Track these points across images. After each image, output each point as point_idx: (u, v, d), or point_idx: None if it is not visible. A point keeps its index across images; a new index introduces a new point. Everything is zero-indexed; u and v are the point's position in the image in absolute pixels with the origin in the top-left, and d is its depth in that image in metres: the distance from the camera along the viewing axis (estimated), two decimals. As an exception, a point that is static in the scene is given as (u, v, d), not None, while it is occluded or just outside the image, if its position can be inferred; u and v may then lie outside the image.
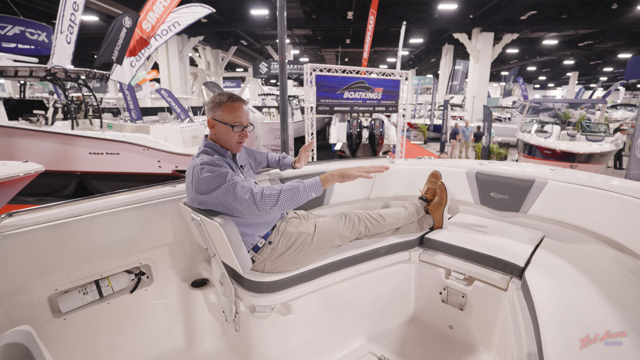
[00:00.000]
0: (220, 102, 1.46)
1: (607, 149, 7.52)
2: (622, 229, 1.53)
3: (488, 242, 1.76)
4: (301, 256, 1.53)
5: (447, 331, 1.79)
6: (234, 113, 1.46)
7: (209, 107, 1.48)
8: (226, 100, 1.46)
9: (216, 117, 1.47)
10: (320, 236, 1.58)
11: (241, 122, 1.47)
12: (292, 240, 1.52)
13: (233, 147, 1.52)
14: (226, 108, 1.45)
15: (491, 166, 2.21)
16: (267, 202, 1.29)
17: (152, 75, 18.41)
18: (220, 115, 1.46)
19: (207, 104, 1.51)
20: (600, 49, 20.02)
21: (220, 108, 1.46)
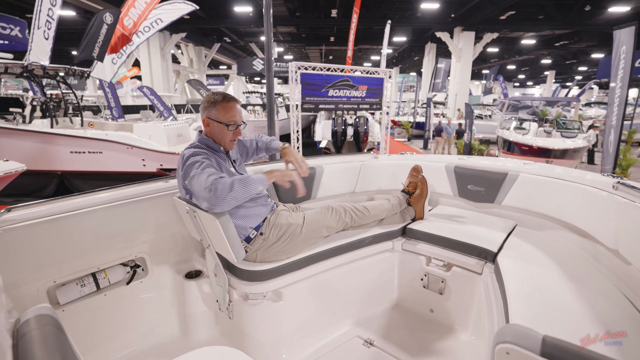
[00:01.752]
0: (215, 102, 1.51)
1: (579, 145, 7.89)
2: (584, 216, 1.68)
3: (465, 231, 1.89)
4: (291, 246, 1.60)
5: (428, 314, 1.90)
6: (229, 112, 1.52)
7: (204, 107, 1.53)
8: (221, 99, 1.51)
9: (211, 116, 1.52)
10: (308, 227, 1.66)
11: (235, 121, 1.53)
12: (282, 231, 1.59)
13: (227, 145, 1.59)
14: (221, 107, 1.51)
15: (469, 161, 2.34)
16: (223, 189, 1.29)
17: (134, 72, 18.00)
18: (215, 114, 1.51)
19: (201, 104, 1.56)
20: (575, 48, 20.78)
21: (215, 107, 1.51)
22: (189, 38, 17.51)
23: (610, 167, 6.62)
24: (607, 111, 6.92)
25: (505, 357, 0.60)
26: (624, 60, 6.47)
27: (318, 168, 2.29)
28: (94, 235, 1.46)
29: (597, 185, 1.62)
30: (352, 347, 1.69)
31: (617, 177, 1.62)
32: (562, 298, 1.24)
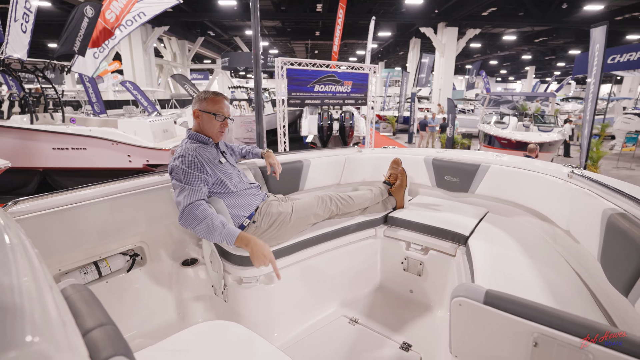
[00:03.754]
0: (206, 96, 1.69)
1: (555, 138, 8.24)
2: (544, 202, 1.86)
3: (441, 218, 2.05)
4: (281, 233, 1.73)
5: (408, 295, 2.06)
6: (217, 104, 1.68)
7: (195, 101, 1.70)
8: (211, 94, 1.70)
9: (201, 107, 1.68)
10: (297, 215, 1.78)
11: (222, 113, 1.69)
12: (273, 219, 1.71)
13: (215, 136, 1.72)
14: (210, 100, 1.68)
15: (446, 153, 2.50)
16: (189, 220, 1.40)
17: (115, 66, 17.57)
18: (204, 106, 1.67)
19: (193, 100, 1.72)
20: (553, 45, 21.40)
21: (205, 100, 1.68)
22: (171, 31, 17.18)
23: (583, 159, 6.98)
24: (584, 106, 7.26)
25: (458, 308, 0.74)
26: (597, 58, 6.80)
27: (305, 161, 2.40)
28: (96, 226, 1.54)
29: (555, 174, 1.80)
30: (339, 325, 1.83)
31: (571, 166, 1.80)
32: (520, 272, 1.41)
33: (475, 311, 0.72)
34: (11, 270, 0.43)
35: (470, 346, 0.78)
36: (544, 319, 0.64)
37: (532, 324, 0.64)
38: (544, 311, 0.65)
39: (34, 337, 0.31)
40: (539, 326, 0.64)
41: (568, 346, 0.61)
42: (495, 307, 0.69)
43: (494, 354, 0.73)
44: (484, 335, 0.73)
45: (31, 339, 0.31)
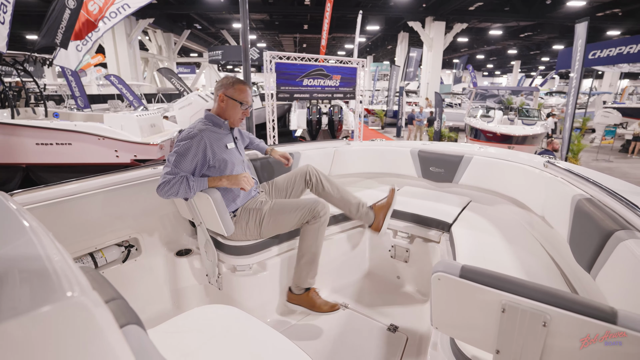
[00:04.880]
0: (234, 82, 1.75)
1: (537, 131, 8.47)
2: (522, 190, 1.96)
3: (427, 207, 2.13)
4: (260, 231, 1.73)
5: (395, 281, 2.15)
6: (243, 93, 1.75)
7: (221, 84, 1.76)
8: (238, 82, 1.76)
9: (227, 93, 1.74)
10: (271, 220, 1.73)
11: (247, 102, 1.77)
12: (251, 216, 1.73)
13: (235, 121, 1.78)
14: (237, 88, 1.74)
15: (431, 146, 2.59)
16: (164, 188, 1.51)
17: (98, 59, 17.15)
18: (231, 92, 1.73)
19: (217, 83, 1.79)
20: (538, 40, 21.80)
21: (232, 87, 1.74)
22: (157, 24, 16.83)
23: (565, 151, 7.22)
24: (566, 100, 7.48)
25: (437, 283, 0.81)
26: (579, 53, 6.99)
27: (295, 154, 2.46)
28: (91, 218, 1.56)
29: (532, 164, 1.90)
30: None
31: (548, 157, 1.90)
32: (498, 255, 1.50)
33: (453, 284, 0.79)
34: (36, 244, 0.48)
35: (449, 317, 0.85)
36: (510, 288, 0.72)
37: (501, 292, 0.72)
38: (510, 281, 0.73)
39: (73, 293, 0.36)
40: (506, 294, 0.71)
41: (530, 310, 0.69)
42: (469, 280, 0.76)
43: (469, 321, 0.81)
44: (460, 306, 0.81)
45: (71, 294, 0.36)
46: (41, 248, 0.48)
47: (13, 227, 0.59)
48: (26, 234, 0.53)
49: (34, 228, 0.56)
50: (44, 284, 0.38)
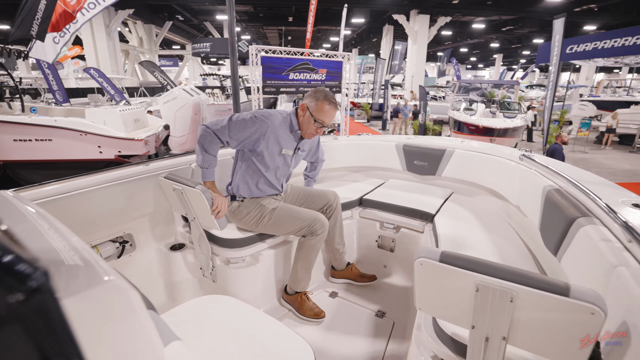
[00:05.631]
0: (319, 98, 1.72)
1: (518, 124, 8.74)
2: (500, 182, 2.08)
3: (411, 199, 2.23)
4: (255, 227, 1.79)
5: (382, 269, 2.26)
6: (322, 113, 1.72)
7: (310, 94, 1.77)
8: (323, 99, 1.72)
9: (310, 107, 1.73)
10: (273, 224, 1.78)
11: (323, 122, 1.74)
12: (252, 211, 1.77)
13: (306, 134, 1.80)
14: (319, 106, 1.71)
15: (415, 140, 2.69)
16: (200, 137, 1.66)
17: (75, 51, 16.55)
18: (313, 107, 1.72)
19: (310, 92, 1.77)
20: (519, 33, 22.25)
21: (316, 102, 1.72)
22: (137, 15, 16.35)
23: (544, 143, 7.50)
24: (545, 93, 7.73)
25: (420, 267, 0.90)
26: (557, 48, 7.23)
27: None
28: (85, 215, 1.58)
29: (509, 158, 2.02)
30: (320, 299, 1.99)
31: (525, 150, 2.02)
32: (477, 242, 1.61)
33: (433, 268, 0.88)
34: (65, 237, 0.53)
35: (430, 298, 0.94)
36: (482, 269, 0.81)
37: (475, 274, 0.81)
38: (482, 264, 0.82)
39: (110, 277, 0.42)
40: (479, 275, 0.80)
41: (499, 288, 0.78)
42: (448, 264, 0.85)
43: (448, 301, 0.90)
44: (440, 288, 0.90)
45: (108, 278, 0.42)
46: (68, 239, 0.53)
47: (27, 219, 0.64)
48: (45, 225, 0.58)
49: (52, 222, 0.61)
50: (80, 271, 0.43)
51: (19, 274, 0.22)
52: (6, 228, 0.40)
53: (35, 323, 0.22)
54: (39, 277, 0.22)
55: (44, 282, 0.22)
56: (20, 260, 0.22)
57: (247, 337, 1.02)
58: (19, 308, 0.21)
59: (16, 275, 0.21)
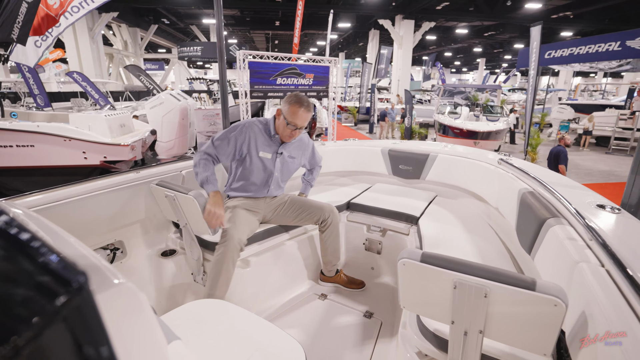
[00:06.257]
0: (291, 102, 1.82)
1: (501, 127, 9.01)
2: (480, 185, 2.18)
3: (397, 202, 2.31)
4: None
5: (369, 271, 2.32)
6: (294, 116, 1.81)
7: (284, 99, 1.86)
8: (294, 102, 1.81)
9: (283, 109, 1.84)
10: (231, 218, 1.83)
11: (295, 124, 1.83)
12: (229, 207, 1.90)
13: (283, 137, 1.92)
14: (291, 109, 1.81)
15: (400, 145, 2.78)
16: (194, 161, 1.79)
17: (57, 54, 16.19)
18: (285, 110, 1.83)
19: (285, 98, 1.86)
20: (501, 39, 22.89)
21: (289, 105, 1.82)
22: (121, 18, 16.13)
23: (526, 146, 7.75)
24: (526, 97, 8.00)
25: (403, 267, 0.96)
26: (535, 53, 7.51)
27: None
28: (76, 223, 1.59)
29: (488, 162, 2.12)
30: (310, 301, 2.04)
31: (503, 154, 2.13)
32: (459, 243, 1.69)
33: (415, 268, 0.94)
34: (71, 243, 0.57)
35: (413, 296, 1.01)
36: (459, 268, 0.88)
37: (452, 272, 0.88)
38: (459, 263, 0.89)
39: (120, 280, 0.46)
40: (456, 274, 0.87)
41: (474, 285, 0.85)
42: (428, 264, 0.92)
43: (429, 299, 0.97)
44: (422, 286, 0.97)
45: (118, 281, 0.46)
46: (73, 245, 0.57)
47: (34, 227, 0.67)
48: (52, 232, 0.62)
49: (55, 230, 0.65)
50: (93, 274, 0.47)
51: (66, 276, 0.26)
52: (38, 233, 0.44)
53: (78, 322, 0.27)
54: (81, 278, 0.27)
55: (85, 282, 0.27)
56: (66, 263, 0.27)
57: (240, 338, 1.06)
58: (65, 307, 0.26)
59: (63, 277, 0.26)
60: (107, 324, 0.30)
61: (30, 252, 0.26)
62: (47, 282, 0.25)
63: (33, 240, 0.27)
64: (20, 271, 0.25)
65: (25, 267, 0.25)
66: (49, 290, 0.25)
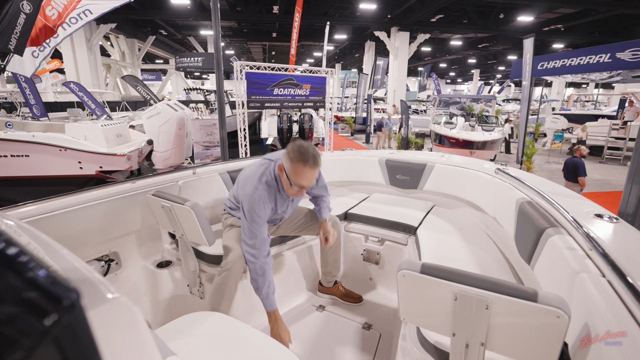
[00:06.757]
0: (293, 159, 1.52)
1: (496, 137, 9.09)
2: (478, 194, 2.18)
3: (394, 212, 2.30)
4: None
5: (368, 282, 2.30)
6: (298, 176, 1.53)
7: (285, 154, 1.57)
8: (298, 160, 1.51)
9: (285, 167, 1.56)
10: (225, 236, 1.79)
11: (301, 185, 1.56)
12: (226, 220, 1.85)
13: (289, 194, 1.68)
14: (294, 168, 1.52)
15: (397, 155, 2.78)
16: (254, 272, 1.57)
17: (54, 65, 16.23)
18: (288, 168, 1.55)
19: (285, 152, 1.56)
20: (494, 50, 23.31)
21: (290, 163, 1.53)
22: (119, 29, 16.25)
23: (520, 155, 7.82)
24: (520, 107, 8.11)
25: (402, 279, 0.95)
26: (528, 65, 7.64)
27: None
28: (70, 234, 1.56)
29: (485, 171, 2.13)
30: (308, 313, 2.01)
31: (500, 164, 2.14)
32: (457, 253, 1.68)
33: (415, 279, 0.93)
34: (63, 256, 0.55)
35: (413, 308, 0.99)
36: (460, 279, 0.87)
37: (453, 283, 0.87)
38: (459, 274, 0.88)
39: (114, 294, 0.45)
40: (457, 285, 0.86)
41: (475, 296, 0.84)
42: (428, 275, 0.91)
43: (429, 310, 0.95)
44: (422, 298, 0.95)
45: (112, 295, 0.45)
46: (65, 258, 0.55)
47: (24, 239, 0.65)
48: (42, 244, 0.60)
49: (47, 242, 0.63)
50: (87, 289, 0.46)
51: (56, 293, 0.25)
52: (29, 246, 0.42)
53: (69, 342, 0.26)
54: (73, 295, 0.26)
55: (76, 299, 0.26)
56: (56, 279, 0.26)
57: (237, 352, 1.04)
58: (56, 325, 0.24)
59: (53, 294, 0.25)
60: (99, 343, 0.28)
61: (17, 267, 0.25)
62: (36, 300, 0.24)
63: (21, 255, 0.25)
64: (6, 287, 0.23)
65: (12, 283, 0.24)
66: (38, 308, 0.24)
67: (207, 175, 2.15)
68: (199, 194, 2.07)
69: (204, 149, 6.77)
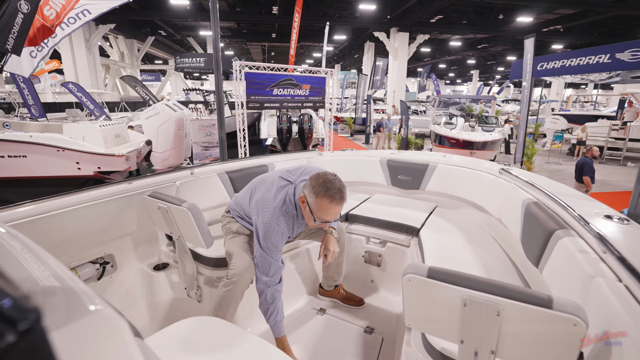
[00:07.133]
0: (318, 193, 1.42)
1: (496, 137, 9.07)
2: (481, 195, 2.14)
3: (396, 214, 2.26)
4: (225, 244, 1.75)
5: (369, 284, 2.25)
6: (322, 211, 1.44)
7: (308, 184, 1.47)
8: (324, 195, 1.41)
9: (309, 200, 1.46)
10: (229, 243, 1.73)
11: (324, 219, 1.48)
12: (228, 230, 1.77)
13: (310, 226, 1.60)
14: (319, 204, 1.43)
15: (399, 155, 2.74)
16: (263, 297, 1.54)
17: (53, 65, 16.19)
18: (312, 203, 1.45)
19: (310, 179, 1.48)
20: (493, 51, 23.32)
21: (315, 197, 1.43)
22: (118, 29, 16.21)
23: (520, 155, 7.79)
24: (520, 108, 8.08)
25: (408, 283, 0.90)
26: (529, 65, 7.61)
27: (270, 165, 2.51)
28: (64, 236, 1.52)
29: (489, 171, 2.09)
30: (308, 316, 1.97)
31: (503, 164, 2.10)
32: (461, 255, 1.64)
33: (421, 284, 0.89)
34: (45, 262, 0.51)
35: (419, 314, 0.95)
36: (469, 284, 0.82)
37: (462, 289, 0.83)
38: (469, 279, 0.84)
39: (97, 306, 0.41)
40: (466, 290, 0.82)
41: (485, 302, 0.80)
42: (436, 279, 0.87)
43: (436, 316, 0.91)
44: (428, 303, 0.91)
45: (94, 307, 0.40)
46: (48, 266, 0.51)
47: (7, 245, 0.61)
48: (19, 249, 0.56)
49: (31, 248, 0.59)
50: (64, 301, 0.42)
51: (12, 315, 0.21)
52: None
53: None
54: (32, 316, 0.22)
55: (35, 321, 0.22)
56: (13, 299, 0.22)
57: (235, 358, 0.99)
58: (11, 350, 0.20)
59: (9, 316, 0.21)
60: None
61: None
62: None
63: None
64: None
65: None
66: None
67: (205, 176, 2.11)
68: (197, 194, 2.02)
69: (203, 150, 6.73)
